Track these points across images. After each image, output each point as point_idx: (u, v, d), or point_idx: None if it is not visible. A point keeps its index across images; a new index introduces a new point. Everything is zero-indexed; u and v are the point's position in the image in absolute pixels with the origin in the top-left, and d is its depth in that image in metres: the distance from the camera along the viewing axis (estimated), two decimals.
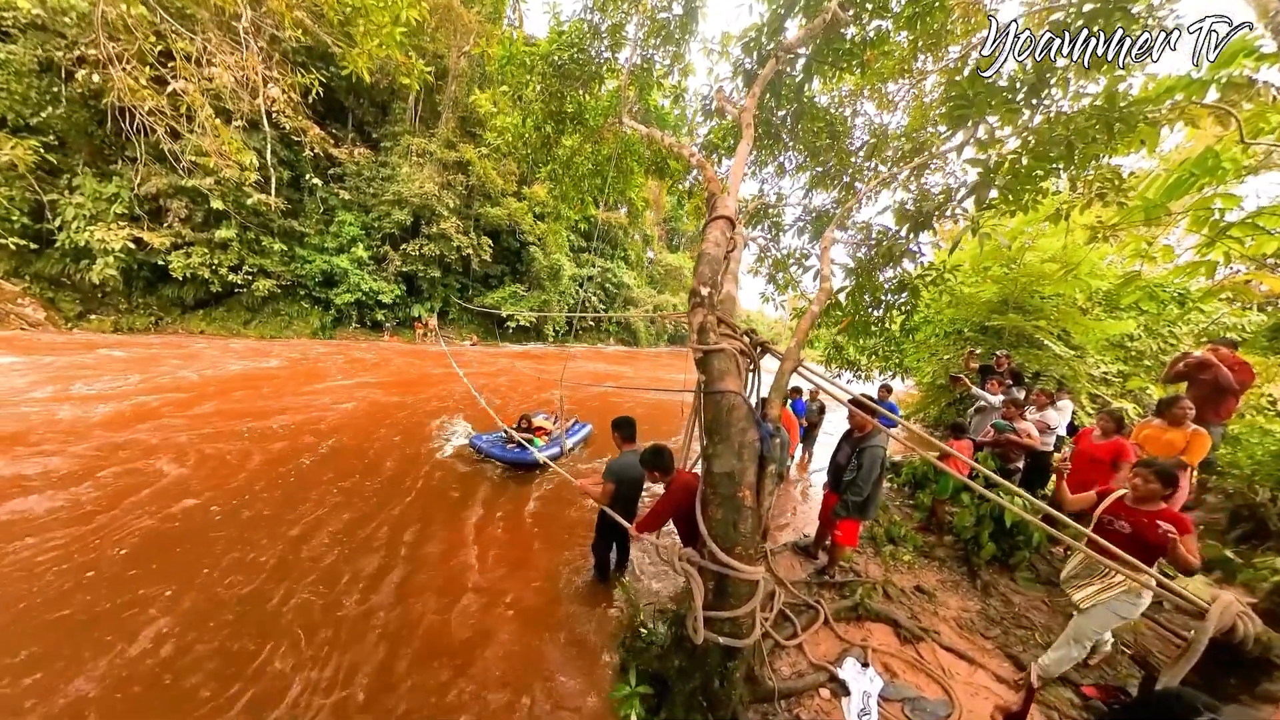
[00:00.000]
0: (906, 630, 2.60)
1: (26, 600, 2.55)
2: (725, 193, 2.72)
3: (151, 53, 7.85)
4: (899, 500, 5.13)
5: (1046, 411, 4.65)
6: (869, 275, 4.35)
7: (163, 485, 4.13)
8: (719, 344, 2.08)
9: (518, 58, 5.29)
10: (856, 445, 2.82)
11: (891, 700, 2.11)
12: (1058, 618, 3.10)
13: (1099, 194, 3.62)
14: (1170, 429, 3.60)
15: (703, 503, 1.87)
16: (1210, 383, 4.23)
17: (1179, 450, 3.51)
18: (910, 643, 2.53)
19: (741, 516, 1.77)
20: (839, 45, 4.09)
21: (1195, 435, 3.47)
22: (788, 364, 2.12)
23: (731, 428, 1.87)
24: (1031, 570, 3.65)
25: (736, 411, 1.90)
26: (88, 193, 13.99)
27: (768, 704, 1.99)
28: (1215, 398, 4.24)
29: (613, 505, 2.68)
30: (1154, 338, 8.26)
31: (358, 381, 10.19)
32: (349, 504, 4.14)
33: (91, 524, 3.38)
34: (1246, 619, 1.89)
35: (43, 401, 6.27)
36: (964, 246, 6.49)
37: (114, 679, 2.13)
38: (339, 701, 2.12)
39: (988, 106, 3.21)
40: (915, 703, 2.11)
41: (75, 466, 4.33)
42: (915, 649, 2.50)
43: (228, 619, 2.55)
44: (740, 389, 2.01)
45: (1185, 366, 4.38)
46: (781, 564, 3.41)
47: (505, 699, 2.18)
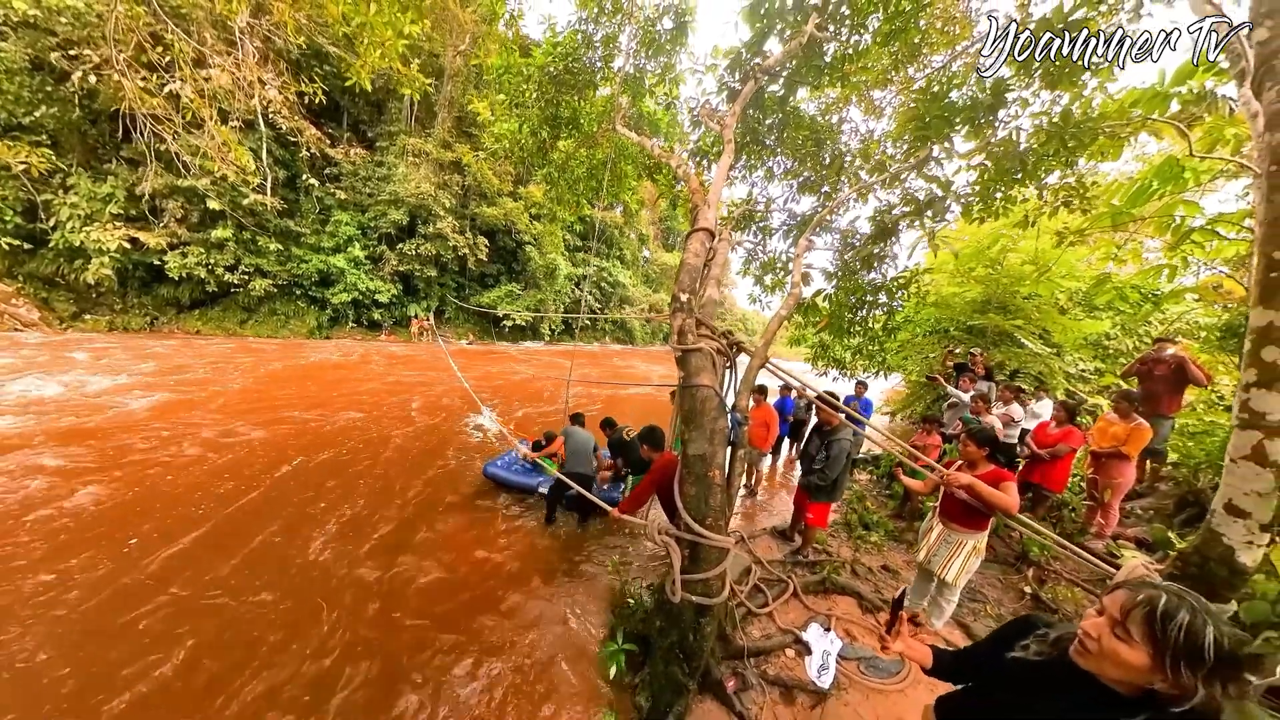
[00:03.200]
0: (868, 601, 2.90)
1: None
2: (707, 205, 2.99)
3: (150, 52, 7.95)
4: (876, 490, 5.45)
5: (1012, 406, 4.98)
6: (848, 278, 4.63)
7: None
8: (696, 344, 2.36)
9: (514, 68, 5.52)
10: (825, 437, 3.13)
11: (849, 659, 2.40)
12: (1010, 592, 3.42)
13: (1064, 202, 3.92)
14: (1116, 422, 3.93)
15: (679, 481, 2.15)
16: (1160, 379, 4.58)
17: (1121, 441, 3.84)
18: (871, 612, 2.83)
19: (711, 493, 2.05)
20: (818, 63, 4.36)
21: (1135, 428, 3.80)
22: (755, 362, 2.40)
23: (704, 417, 2.15)
24: (989, 551, 3.97)
25: (709, 403, 2.18)
26: (82, 193, 13.99)
27: (738, 660, 2.28)
28: (1165, 392, 4.59)
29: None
30: (1130, 336, 8.64)
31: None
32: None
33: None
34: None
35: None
36: (921, 260, 6.75)
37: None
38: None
39: (947, 126, 3.51)
40: (870, 661, 2.40)
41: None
42: (875, 618, 2.80)
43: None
44: (714, 384, 2.28)
45: (1139, 365, 4.73)
46: (761, 545, 3.71)
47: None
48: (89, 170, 14.42)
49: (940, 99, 3.32)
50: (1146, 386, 4.65)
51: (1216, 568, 1.91)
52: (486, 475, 4.78)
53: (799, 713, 2.15)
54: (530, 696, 2.27)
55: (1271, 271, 1.81)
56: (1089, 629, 0.84)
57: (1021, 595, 3.30)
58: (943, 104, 3.30)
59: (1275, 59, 1.88)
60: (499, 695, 2.27)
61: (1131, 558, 3.73)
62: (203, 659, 2.34)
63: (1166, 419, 4.68)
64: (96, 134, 14.50)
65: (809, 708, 2.17)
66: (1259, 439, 1.83)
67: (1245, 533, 1.90)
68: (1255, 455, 1.84)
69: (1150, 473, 5.15)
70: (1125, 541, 3.99)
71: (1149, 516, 4.58)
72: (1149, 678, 0.77)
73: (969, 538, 2.40)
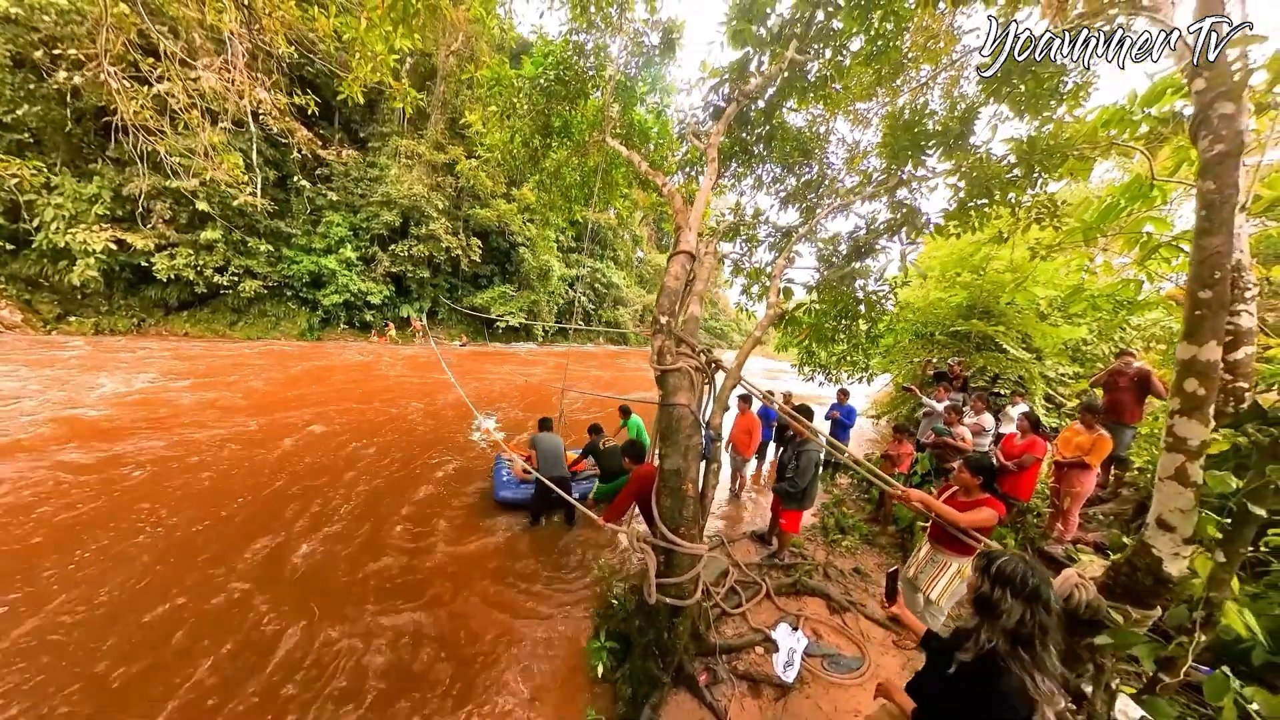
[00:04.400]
0: (836, 603, 3.07)
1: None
2: (688, 228, 3.13)
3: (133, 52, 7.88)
4: (854, 494, 5.64)
5: (983, 415, 5.19)
6: (830, 289, 4.80)
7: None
8: (675, 364, 2.50)
9: (505, 79, 5.61)
10: (797, 448, 3.31)
11: (814, 655, 2.57)
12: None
13: (1036, 219, 4.12)
14: (1081, 432, 4.14)
15: (656, 494, 2.30)
16: (1125, 389, 4.81)
17: (1085, 451, 4.05)
18: (838, 613, 3.00)
19: (685, 505, 2.20)
20: (801, 84, 4.51)
21: (1098, 439, 4.00)
22: (729, 382, 2.55)
23: (679, 434, 2.30)
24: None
25: (684, 421, 2.32)
26: (67, 193, 13.79)
27: (710, 657, 2.44)
28: (1130, 402, 4.82)
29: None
30: (1105, 341, 8.95)
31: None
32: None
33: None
34: (1082, 589, 2.38)
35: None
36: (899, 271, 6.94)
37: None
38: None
39: (920, 152, 3.69)
40: (833, 658, 2.57)
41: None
42: (842, 618, 2.97)
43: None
44: (690, 402, 2.43)
45: (1108, 375, 4.96)
46: (740, 548, 3.87)
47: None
48: (74, 170, 14.22)
49: (911, 128, 3.49)
50: (1112, 396, 4.87)
51: (1144, 577, 2.09)
52: (499, 501, 4.74)
53: (765, 705, 2.32)
54: (518, 693, 2.40)
55: (1197, 310, 1.98)
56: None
57: None
58: (914, 132, 3.47)
59: (1211, 110, 2.03)
60: (488, 693, 2.40)
61: (1090, 562, 3.96)
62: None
63: (1129, 428, 4.92)
64: (81, 133, 14.28)
65: (774, 700, 2.34)
66: (1182, 461, 2.00)
67: (1172, 545, 2.08)
68: (1178, 476, 2.02)
69: (1114, 479, 5.39)
70: (1085, 546, 4.20)
71: (1109, 522, 4.81)
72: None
73: (954, 560, 2.46)
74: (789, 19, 3.70)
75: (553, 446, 4.18)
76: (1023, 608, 1.12)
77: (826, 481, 5.96)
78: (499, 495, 4.74)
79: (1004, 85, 3.56)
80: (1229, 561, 2.23)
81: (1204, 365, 1.87)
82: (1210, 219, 1.87)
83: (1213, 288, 1.86)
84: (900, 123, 3.57)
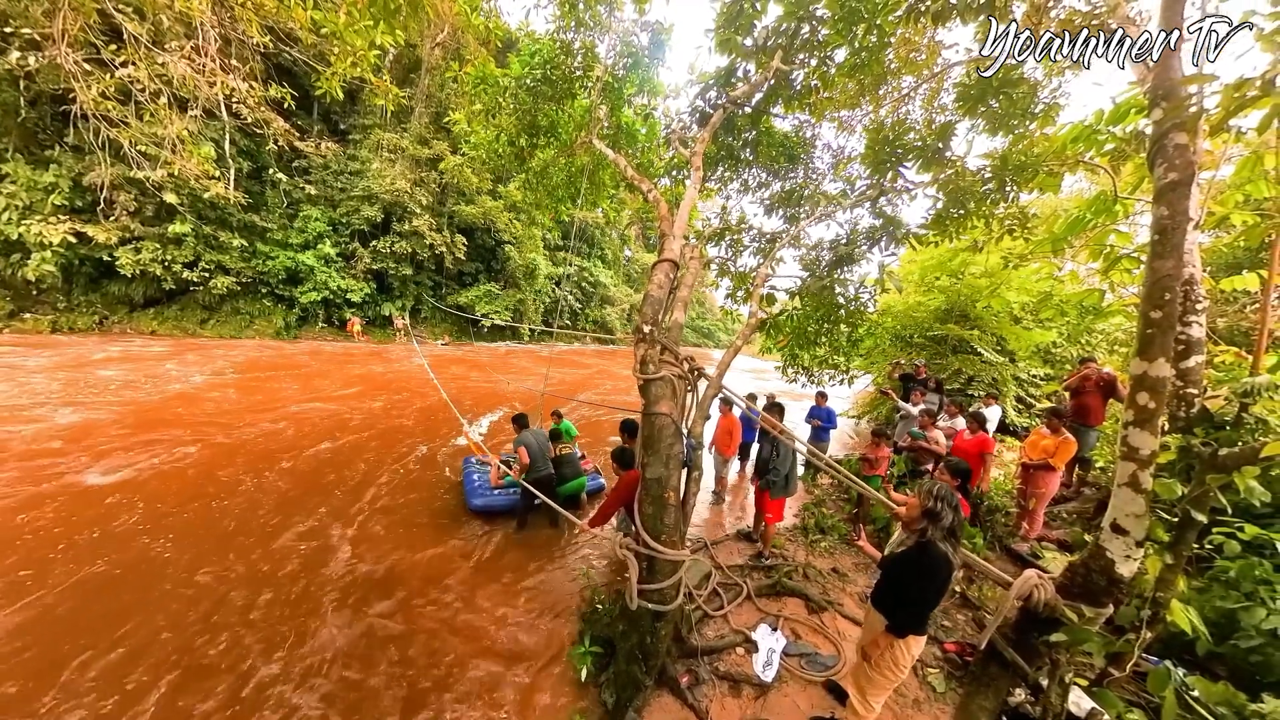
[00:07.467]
0: (815, 603, 3.16)
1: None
2: (672, 236, 3.15)
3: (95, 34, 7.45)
4: (835, 495, 5.78)
5: (956, 419, 5.38)
6: (812, 296, 4.90)
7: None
8: (658, 373, 2.53)
9: (491, 78, 5.53)
10: (774, 442, 3.46)
11: (792, 655, 2.64)
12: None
13: (1008, 230, 4.29)
14: (1047, 435, 4.33)
15: (638, 501, 2.33)
16: (1090, 393, 5.05)
17: (1051, 453, 4.24)
18: (816, 613, 3.09)
19: (666, 512, 2.23)
20: (786, 93, 4.58)
21: (1063, 442, 4.20)
22: (710, 390, 2.60)
23: (661, 443, 2.33)
24: None
25: (666, 430, 2.36)
26: (20, 181, 12.99)
27: (692, 659, 2.50)
28: (1095, 406, 5.07)
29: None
30: (1074, 345, 9.36)
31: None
32: None
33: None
34: (1041, 589, 2.52)
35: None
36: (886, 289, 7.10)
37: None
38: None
39: (899, 163, 3.80)
40: (811, 657, 2.65)
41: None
42: (820, 618, 3.06)
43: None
44: (672, 410, 2.46)
45: (1077, 379, 5.20)
46: (726, 548, 3.95)
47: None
48: (28, 157, 13.40)
49: (893, 143, 3.60)
50: (1079, 400, 5.11)
51: (1098, 578, 2.21)
52: (474, 510, 4.46)
53: (745, 704, 2.39)
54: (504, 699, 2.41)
55: (1148, 329, 2.09)
56: (908, 505, 2.07)
57: (953, 593, 3.64)
58: (894, 145, 3.58)
59: (1166, 139, 2.13)
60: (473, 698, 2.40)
61: (1053, 558, 4.16)
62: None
63: (1094, 429, 5.17)
64: (36, 117, 13.47)
65: (753, 699, 2.40)
66: (1134, 469, 2.13)
67: (1124, 548, 2.21)
68: (1132, 483, 2.14)
69: (1077, 479, 5.66)
70: (1049, 543, 4.41)
71: (1073, 520, 5.06)
72: (917, 515, 1.96)
73: None
74: (774, 30, 3.76)
75: (540, 442, 4.23)
76: (952, 513, 1.90)
77: (808, 481, 6.09)
78: (472, 504, 4.47)
79: (979, 104, 3.70)
80: (1175, 563, 2.37)
81: (1154, 380, 1.98)
82: (1163, 243, 1.98)
83: (1163, 309, 1.96)
84: (881, 136, 3.68)
